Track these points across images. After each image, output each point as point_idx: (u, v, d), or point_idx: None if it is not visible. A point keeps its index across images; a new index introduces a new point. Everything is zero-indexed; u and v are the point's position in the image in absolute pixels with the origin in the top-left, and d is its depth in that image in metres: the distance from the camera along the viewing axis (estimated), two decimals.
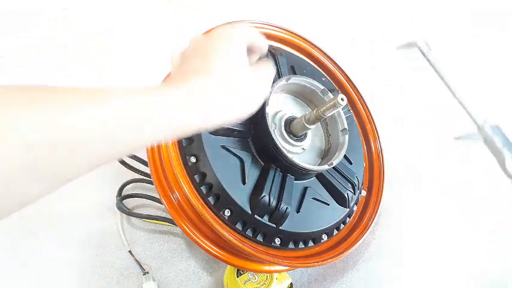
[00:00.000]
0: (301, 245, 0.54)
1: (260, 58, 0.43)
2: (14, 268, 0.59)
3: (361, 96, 0.70)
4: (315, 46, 0.68)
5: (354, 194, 0.58)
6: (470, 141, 0.46)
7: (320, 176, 0.57)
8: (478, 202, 0.74)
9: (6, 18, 0.82)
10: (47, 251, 0.61)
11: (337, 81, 0.70)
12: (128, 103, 0.27)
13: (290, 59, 0.62)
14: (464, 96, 0.44)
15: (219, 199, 0.48)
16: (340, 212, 0.57)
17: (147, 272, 0.60)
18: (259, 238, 0.51)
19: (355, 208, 0.62)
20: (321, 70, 0.68)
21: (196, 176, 0.49)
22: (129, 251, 0.62)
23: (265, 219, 0.50)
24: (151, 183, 0.65)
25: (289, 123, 0.54)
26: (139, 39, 0.85)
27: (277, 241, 0.52)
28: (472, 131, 0.45)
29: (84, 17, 0.86)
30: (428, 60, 0.46)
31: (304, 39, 0.67)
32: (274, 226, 0.50)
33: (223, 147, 0.49)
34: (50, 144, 0.23)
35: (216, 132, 0.49)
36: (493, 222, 0.73)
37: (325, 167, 0.52)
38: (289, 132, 0.53)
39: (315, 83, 0.56)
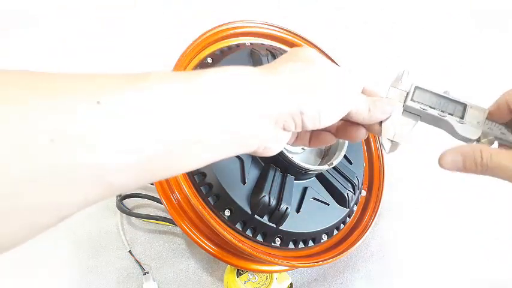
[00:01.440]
0: (301, 245, 0.54)
1: None
2: (13, 268, 0.59)
3: None
4: (316, 46, 0.68)
5: (354, 194, 0.58)
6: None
7: (320, 176, 0.57)
8: (478, 202, 0.74)
9: (5, 17, 0.83)
10: (47, 251, 0.61)
11: None
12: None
13: None
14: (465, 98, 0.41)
15: (219, 199, 0.48)
16: (340, 212, 0.57)
17: (147, 272, 0.60)
18: (259, 238, 0.51)
19: (355, 208, 0.62)
20: None
21: (196, 176, 0.49)
22: (129, 251, 0.62)
23: (265, 219, 0.50)
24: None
25: None
26: (139, 39, 0.85)
27: (277, 241, 0.52)
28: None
29: (83, 18, 0.86)
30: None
31: (305, 39, 0.67)
32: (274, 226, 0.50)
33: None
34: None
35: None
36: (493, 223, 0.72)
37: (325, 167, 0.52)
38: None
39: None
